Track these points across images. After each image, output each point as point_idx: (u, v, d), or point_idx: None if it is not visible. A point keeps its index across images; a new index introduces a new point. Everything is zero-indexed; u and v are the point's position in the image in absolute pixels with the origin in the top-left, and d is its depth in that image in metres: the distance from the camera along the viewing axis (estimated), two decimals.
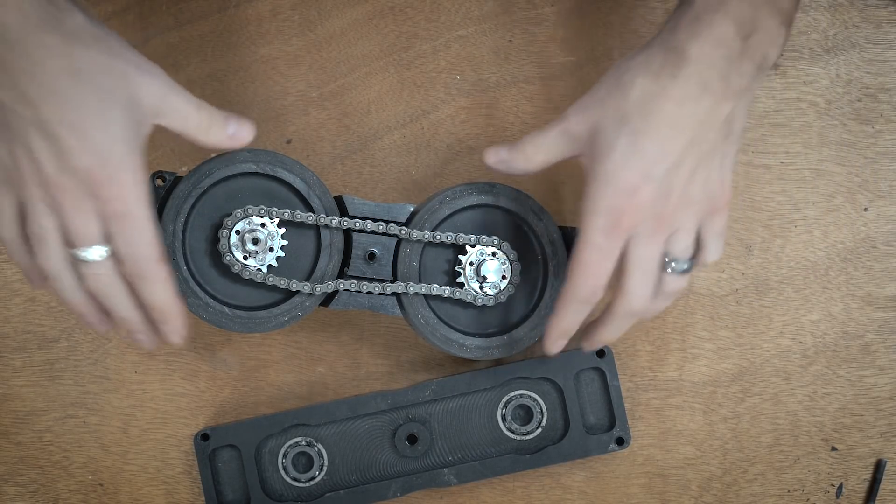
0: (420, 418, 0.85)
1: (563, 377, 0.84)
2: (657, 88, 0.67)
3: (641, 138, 0.67)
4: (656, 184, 0.68)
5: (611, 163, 0.68)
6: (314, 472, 0.84)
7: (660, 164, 0.67)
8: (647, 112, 0.67)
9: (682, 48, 0.66)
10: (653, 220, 0.69)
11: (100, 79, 0.64)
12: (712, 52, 0.66)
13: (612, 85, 0.69)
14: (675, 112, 0.67)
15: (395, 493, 0.84)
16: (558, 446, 0.84)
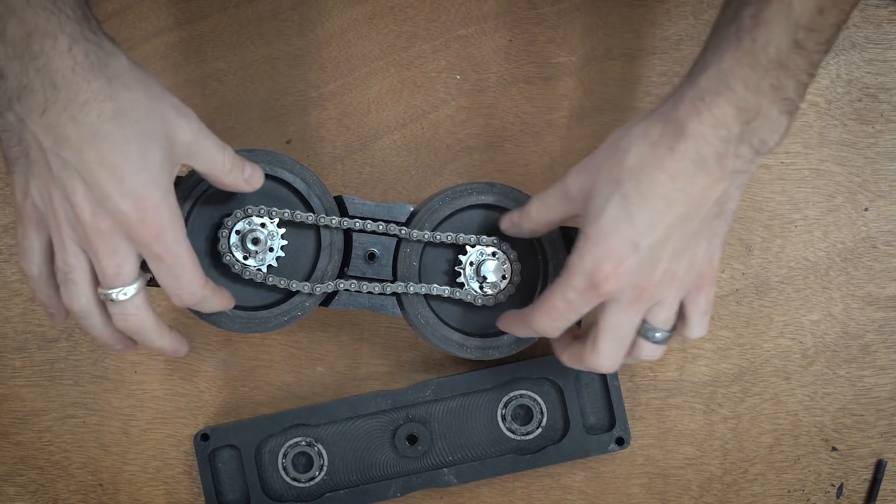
0: (420, 418, 0.84)
1: (563, 377, 0.84)
2: (653, 159, 0.66)
3: (633, 206, 0.67)
4: (642, 255, 0.67)
5: (601, 226, 0.68)
6: (314, 472, 0.84)
7: (648, 236, 0.67)
8: (640, 181, 0.67)
9: (682, 123, 0.66)
10: (633, 290, 0.69)
11: (142, 121, 0.65)
12: (711, 132, 0.66)
13: (610, 150, 0.69)
14: (668, 185, 0.66)
15: (395, 493, 0.84)
16: (558, 446, 0.84)
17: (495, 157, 0.88)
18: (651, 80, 0.88)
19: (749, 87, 0.65)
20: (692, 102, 0.66)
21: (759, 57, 0.65)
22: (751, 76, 0.65)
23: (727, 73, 0.65)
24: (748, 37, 0.65)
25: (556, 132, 0.88)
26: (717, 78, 0.66)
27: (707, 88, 0.66)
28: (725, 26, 0.67)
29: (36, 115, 0.63)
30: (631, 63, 0.89)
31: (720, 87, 0.65)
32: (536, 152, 0.88)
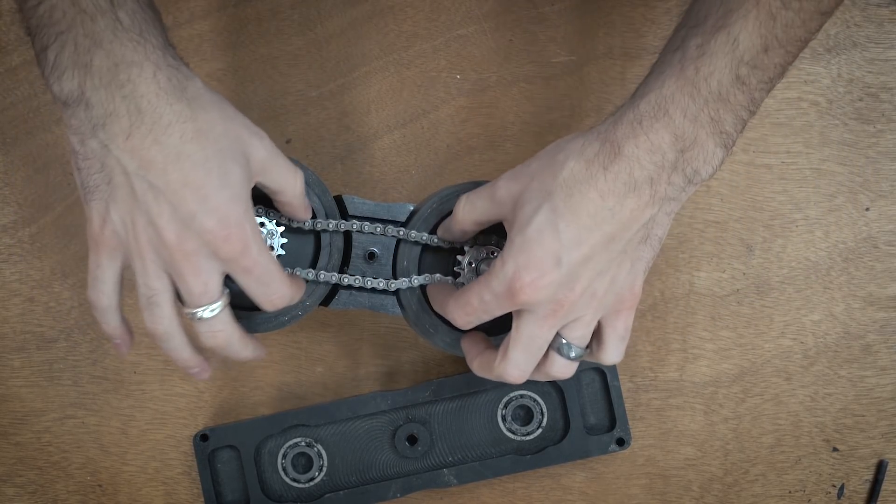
0: (420, 419, 0.84)
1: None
2: (587, 175, 0.66)
3: (561, 220, 0.67)
4: (563, 270, 0.67)
5: (527, 235, 0.67)
6: (314, 472, 0.84)
7: (572, 252, 0.67)
8: (571, 195, 0.66)
9: (619, 144, 0.66)
10: (550, 304, 0.68)
11: (220, 140, 0.66)
12: (645, 156, 0.66)
13: (546, 161, 0.69)
14: (598, 203, 0.66)
15: (395, 493, 0.83)
16: (559, 447, 0.84)
17: (495, 157, 0.88)
18: None
19: (687, 117, 0.65)
20: (630, 125, 0.66)
21: (700, 87, 0.65)
22: (690, 105, 0.65)
23: (667, 100, 0.65)
24: (692, 66, 0.65)
25: (556, 132, 0.88)
26: (656, 103, 0.66)
27: (646, 112, 0.66)
28: (671, 52, 0.67)
29: (121, 140, 0.64)
30: (631, 63, 0.88)
31: (659, 112, 0.66)
32: (536, 152, 0.88)
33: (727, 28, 0.65)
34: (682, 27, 0.69)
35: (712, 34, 0.66)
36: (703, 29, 0.66)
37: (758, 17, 0.65)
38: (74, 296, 0.88)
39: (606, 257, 0.68)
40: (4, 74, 0.88)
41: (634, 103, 0.67)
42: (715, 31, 0.65)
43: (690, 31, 0.67)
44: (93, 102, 0.64)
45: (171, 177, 0.65)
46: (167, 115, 0.64)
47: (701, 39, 0.66)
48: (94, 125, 0.64)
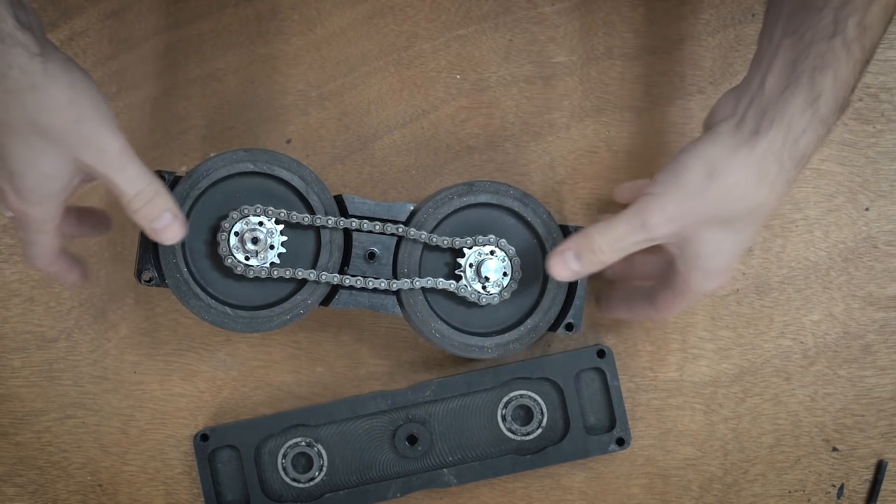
0: (420, 418, 0.84)
1: (564, 377, 0.84)
2: (771, 197, 0.69)
3: (741, 234, 0.71)
4: (743, 252, 0.74)
5: (715, 261, 0.72)
6: (314, 472, 0.84)
7: (750, 241, 0.73)
8: (754, 217, 0.70)
9: (806, 156, 0.68)
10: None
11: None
12: (819, 145, 0.69)
13: (715, 199, 0.69)
14: (775, 207, 0.71)
15: (395, 493, 0.83)
16: (559, 447, 0.84)
17: (495, 157, 0.88)
18: (651, 79, 0.88)
19: (856, 91, 0.68)
20: (816, 131, 0.67)
21: (867, 61, 0.67)
22: (858, 80, 0.67)
23: (844, 90, 0.67)
24: (857, 46, 0.66)
25: (556, 132, 0.88)
26: (835, 99, 0.67)
27: (828, 112, 0.67)
28: (827, 40, 0.66)
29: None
30: (631, 63, 0.88)
31: (839, 106, 0.67)
32: (536, 152, 0.88)
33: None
34: (818, 9, 0.67)
35: (866, 8, 0.65)
36: (854, 6, 0.65)
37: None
38: (74, 296, 0.88)
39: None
40: None
41: (814, 106, 0.67)
42: (868, 4, 0.65)
43: (840, 14, 0.66)
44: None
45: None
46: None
47: (858, 17, 0.66)
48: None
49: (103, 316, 0.88)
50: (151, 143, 0.87)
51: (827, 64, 0.66)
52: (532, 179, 0.88)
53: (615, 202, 0.88)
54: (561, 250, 0.74)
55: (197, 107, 0.88)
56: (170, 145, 0.87)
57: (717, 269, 0.72)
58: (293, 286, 0.78)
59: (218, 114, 0.88)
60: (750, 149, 0.68)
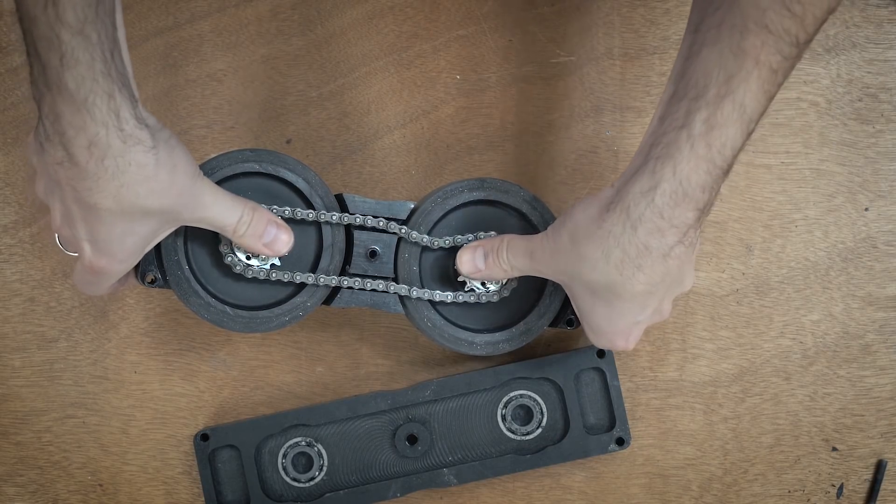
0: (420, 418, 0.84)
1: (563, 377, 0.84)
2: (622, 279, 0.69)
3: (617, 309, 0.71)
4: (644, 321, 0.73)
5: (593, 323, 0.73)
6: (314, 472, 0.84)
7: (641, 313, 0.72)
8: (615, 295, 0.70)
9: (645, 244, 0.67)
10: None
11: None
12: (673, 238, 0.67)
13: (573, 263, 0.71)
14: (644, 290, 0.69)
15: (395, 493, 0.84)
16: (558, 446, 0.84)
17: (495, 157, 0.88)
18: (651, 80, 0.88)
19: (706, 189, 0.65)
20: (652, 221, 0.66)
21: (715, 160, 0.65)
22: (707, 179, 0.65)
23: (684, 183, 0.65)
24: (702, 143, 0.64)
25: (556, 132, 0.88)
26: (673, 192, 0.65)
27: (665, 204, 0.65)
28: (675, 131, 0.65)
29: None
30: (631, 63, 0.89)
31: (678, 198, 0.65)
32: (536, 152, 0.88)
33: (731, 95, 0.63)
34: (678, 99, 0.65)
35: (717, 105, 0.63)
36: (706, 100, 0.64)
37: (760, 76, 0.63)
38: (75, 296, 0.88)
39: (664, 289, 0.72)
40: (5, 75, 0.88)
41: (650, 195, 0.66)
42: (719, 101, 0.63)
43: (692, 105, 0.64)
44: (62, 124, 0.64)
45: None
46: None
47: (706, 112, 0.64)
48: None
49: (104, 316, 0.88)
50: None
51: (670, 155, 0.65)
52: (532, 179, 0.88)
53: None
54: (474, 245, 0.77)
55: (197, 107, 0.88)
56: None
57: (600, 331, 0.73)
58: (293, 288, 0.78)
59: (218, 114, 0.88)
60: (598, 225, 0.68)
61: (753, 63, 0.62)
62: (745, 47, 0.62)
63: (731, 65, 0.63)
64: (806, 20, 0.61)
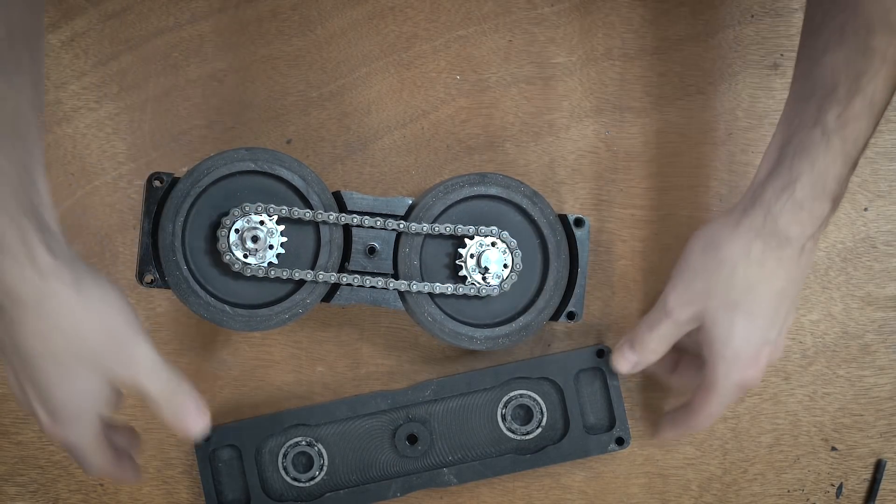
0: (420, 418, 0.85)
1: (563, 377, 0.84)
2: (763, 275, 0.71)
3: (756, 319, 0.73)
4: (772, 344, 0.74)
5: (735, 347, 0.73)
6: (314, 472, 0.84)
7: (772, 329, 0.73)
8: (757, 297, 0.72)
9: (786, 235, 0.70)
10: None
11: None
12: (810, 229, 0.70)
13: (710, 272, 0.73)
14: (781, 289, 0.72)
15: (396, 492, 0.84)
16: (558, 446, 0.84)
17: (495, 157, 0.88)
18: (651, 80, 0.89)
19: (841, 181, 0.69)
20: (793, 212, 0.69)
21: (850, 153, 0.68)
22: (843, 171, 0.69)
23: (823, 177, 0.68)
24: (837, 138, 0.68)
25: (556, 132, 0.89)
26: (813, 184, 0.68)
27: (805, 196, 0.69)
28: (809, 129, 0.68)
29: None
30: (631, 63, 0.89)
31: (818, 191, 0.69)
32: (536, 152, 0.88)
33: (861, 92, 0.67)
34: (805, 99, 0.69)
35: (848, 102, 0.67)
36: (837, 98, 0.67)
37: (888, 72, 0.67)
38: None
39: (789, 307, 0.74)
40: None
41: (790, 188, 0.69)
42: (851, 98, 0.67)
43: (824, 103, 0.68)
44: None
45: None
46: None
47: (838, 109, 0.67)
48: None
49: None
50: (152, 144, 0.87)
51: (805, 151, 0.69)
52: (532, 179, 0.88)
53: (614, 202, 0.88)
54: (619, 346, 0.80)
55: (198, 107, 0.88)
56: (170, 146, 0.87)
57: (736, 356, 0.74)
58: (292, 286, 0.79)
59: (218, 114, 0.88)
60: (735, 226, 0.72)
61: (881, 60, 0.66)
62: (872, 46, 0.66)
63: (860, 63, 0.67)
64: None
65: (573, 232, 0.81)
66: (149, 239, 0.77)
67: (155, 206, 0.77)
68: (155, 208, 0.77)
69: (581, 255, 0.82)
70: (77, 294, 0.65)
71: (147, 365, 0.69)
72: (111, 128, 0.87)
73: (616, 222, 0.88)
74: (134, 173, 0.87)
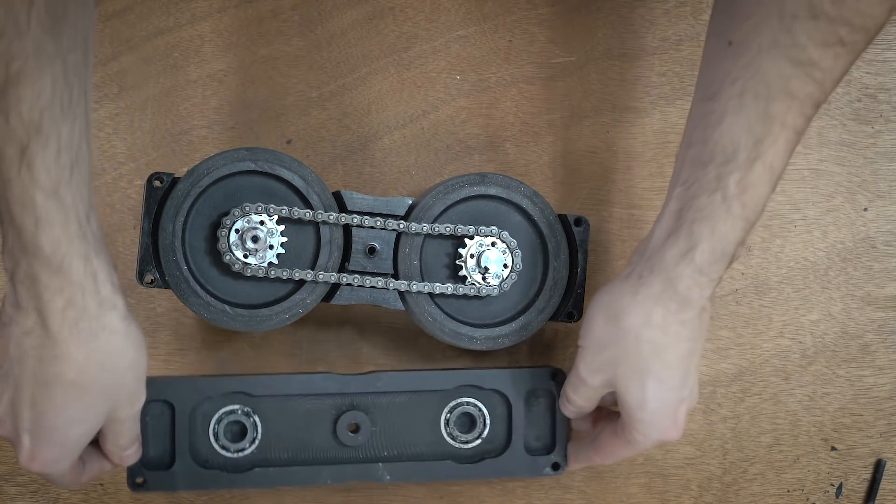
0: (365, 408, 0.82)
1: (515, 393, 0.83)
2: (667, 339, 0.71)
3: (665, 381, 0.73)
4: (686, 399, 0.74)
5: (647, 410, 0.73)
6: (245, 443, 0.81)
7: (685, 387, 0.74)
8: (663, 361, 0.72)
9: (686, 297, 0.70)
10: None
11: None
12: (710, 291, 0.71)
13: (615, 343, 0.73)
14: (687, 348, 0.72)
15: (326, 479, 0.81)
16: (496, 461, 0.83)
17: (495, 158, 0.89)
18: (651, 80, 0.89)
19: (739, 245, 0.69)
20: (693, 277, 0.69)
21: (749, 217, 0.68)
22: (742, 236, 0.69)
23: (722, 242, 0.68)
24: (737, 203, 0.68)
25: (556, 132, 0.89)
26: (712, 250, 0.68)
27: (705, 262, 0.69)
28: (709, 195, 0.68)
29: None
30: (631, 63, 0.89)
31: (717, 256, 0.69)
32: (536, 152, 0.89)
33: (761, 158, 0.67)
34: (703, 165, 0.69)
35: (748, 167, 0.67)
36: (737, 164, 0.67)
37: (787, 138, 0.67)
38: None
39: (698, 357, 0.75)
40: None
41: (690, 255, 0.69)
42: (750, 164, 0.67)
43: (723, 169, 0.68)
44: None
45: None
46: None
47: (739, 175, 0.67)
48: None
49: None
50: (152, 144, 0.87)
51: (705, 217, 0.68)
52: (532, 179, 0.88)
53: (614, 202, 0.88)
54: (561, 397, 0.81)
55: (198, 107, 0.88)
56: (171, 146, 0.87)
57: (651, 419, 0.73)
58: (292, 285, 0.79)
59: (219, 114, 0.88)
60: (633, 294, 0.72)
61: (780, 127, 0.66)
62: (771, 113, 0.66)
63: (759, 130, 0.67)
64: (825, 85, 0.66)
65: (573, 232, 0.81)
66: (149, 239, 0.77)
67: (155, 206, 0.77)
68: (155, 208, 0.77)
69: (581, 255, 0.82)
70: (125, 331, 0.67)
71: (136, 413, 0.72)
72: (111, 128, 0.87)
73: (616, 222, 0.88)
74: (134, 173, 0.87)
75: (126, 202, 0.87)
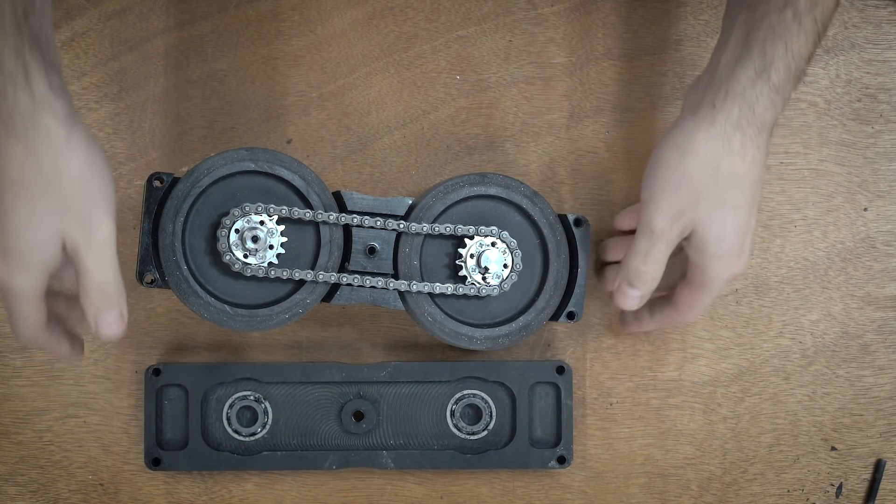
0: (370, 397, 0.84)
1: (519, 386, 0.84)
2: (747, 166, 0.71)
3: (741, 209, 0.72)
4: (752, 229, 0.74)
5: (725, 244, 0.73)
6: (256, 427, 0.84)
7: (753, 216, 0.73)
8: (741, 188, 0.72)
9: (764, 121, 0.71)
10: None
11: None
12: (781, 111, 0.72)
13: (694, 179, 0.72)
14: (760, 173, 0.72)
15: (332, 465, 0.83)
16: (501, 452, 0.84)
17: (495, 158, 0.88)
18: (651, 80, 0.89)
19: (810, 60, 0.70)
20: (769, 98, 0.70)
21: (820, 33, 0.69)
22: (813, 51, 0.69)
23: (796, 59, 0.69)
24: (809, 17, 0.68)
25: (556, 132, 0.89)
26: (787, 67, 0.69)
27: (781, 81, 0.69)
28: (779, 12, 0.69)
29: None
30: (631, 63, 0.89)
31: (793, 73, 0.69)
32: (536, 152, 0.89)
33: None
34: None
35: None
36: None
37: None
38: None
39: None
40: None
41: (764, 76, 0.69)
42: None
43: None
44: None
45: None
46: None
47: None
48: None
49: None
50: (152, 144, 0.87)
51: (778, 35, 0.69)
52: (532, 179, 0.88)
53: (614, 202, 0.88)
54: (616, 287, 0.78)
55: (198, 107, 0.88)
56: (171, 146, 0.87)
57: (727, 252, 0.73)
58: (292, 285, 0.79)
59: (219, 114, 0.88)
60: (710, 123, 0.71)
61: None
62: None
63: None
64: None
65: (573, 232, 0.81)
66: (149, 239, 0.77)
67: (155, 206, 0.77)
68: (155, 208, 0.77)
69: (581, 255, 0.82)
70: (66, 134, 0.65)
71: (99, 246, 0.67)
72: (111, 128, 0.87)
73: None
74: (134, 173, 0.87)
75: (126, 202, 0.87)
